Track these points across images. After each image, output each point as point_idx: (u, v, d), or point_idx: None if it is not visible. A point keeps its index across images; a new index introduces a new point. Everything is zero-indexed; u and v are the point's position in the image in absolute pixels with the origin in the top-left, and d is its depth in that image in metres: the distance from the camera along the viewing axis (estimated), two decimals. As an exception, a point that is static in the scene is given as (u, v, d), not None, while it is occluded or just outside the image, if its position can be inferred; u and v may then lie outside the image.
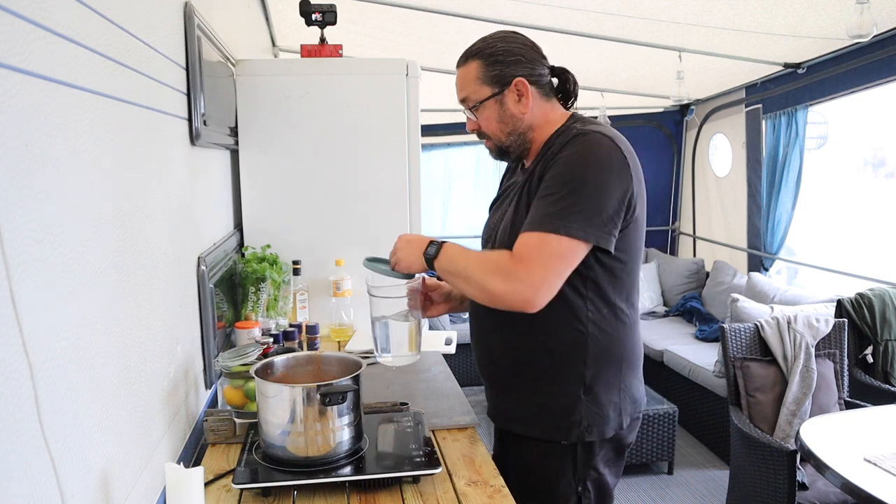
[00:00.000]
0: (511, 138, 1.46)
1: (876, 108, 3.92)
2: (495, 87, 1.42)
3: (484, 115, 1.45)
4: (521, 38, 1.45)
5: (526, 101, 1.43)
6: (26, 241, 0.72)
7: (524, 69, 1.42)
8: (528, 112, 1.43)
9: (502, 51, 1.42)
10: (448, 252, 1.41)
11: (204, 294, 1.63)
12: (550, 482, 1.47)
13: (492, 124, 1.45)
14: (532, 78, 1.43)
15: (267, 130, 2.36)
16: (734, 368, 2.77)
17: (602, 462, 1.47)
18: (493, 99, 1.43)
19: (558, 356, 1.41)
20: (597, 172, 1.33)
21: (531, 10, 3.09)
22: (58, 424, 0.78)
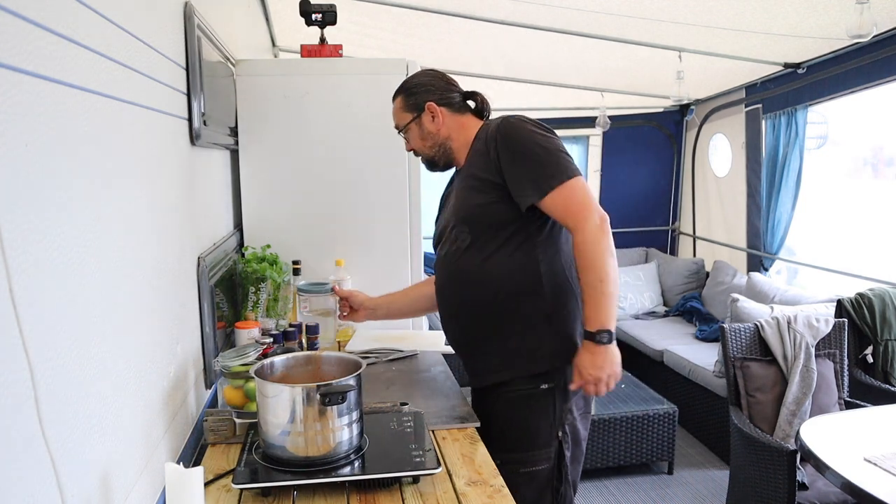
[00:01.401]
0: (434, 150, 1.79)
1: (876, 108, 3.92)
2: (413, 112, 1.78)
3: (411, 136, 1.80)
4: (433, 73, 1.81)
5: (440, 119, 1.76)
6: (26, 241, 0.72)
7: (434, 95, 1.76)
8: (442, 127, 1.76)
9: (415, 84, 1.78)
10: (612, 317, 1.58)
11: (204, 294, 1.63)
12: (532, 429, 1.66)
13: (417, 142, 1.80)
14: (442, 101, 1.76)
15: (267, 130, 2.36)
16: (734, 368, 2.77)
17: (575, 407, 1.70)
18: (414, 122, 1.78)
19: (519, 299, 1.66)
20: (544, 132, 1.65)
21: (531, 10, 3.09)
22: (58, 424, 0.78)
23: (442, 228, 1.81)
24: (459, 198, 1.73)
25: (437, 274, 1.83)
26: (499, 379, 1.69)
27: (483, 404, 1.74)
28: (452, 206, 1.76)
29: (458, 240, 1.71)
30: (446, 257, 1.76)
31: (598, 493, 3.34)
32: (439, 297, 1.83)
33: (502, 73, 4.26)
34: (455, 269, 1.73)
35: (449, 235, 1.74)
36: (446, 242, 1.76)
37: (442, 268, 1.79)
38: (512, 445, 1.65)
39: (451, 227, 1.73)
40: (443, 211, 1.87)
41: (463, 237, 1.70)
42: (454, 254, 1.73)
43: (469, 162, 1.74)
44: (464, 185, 1.73)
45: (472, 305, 1.71)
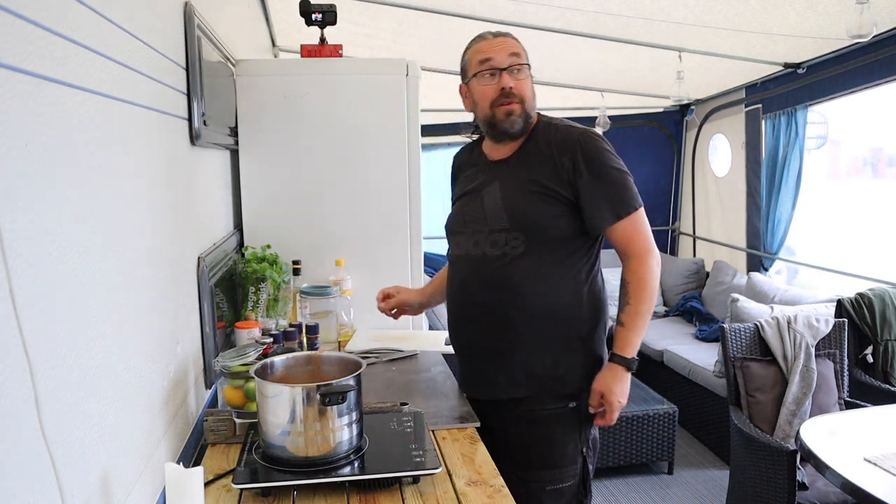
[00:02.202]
0: (532, 110, 1.64)
1: (876, 108, 3.92)
2: (527, 62, 1.64)
3: (525, 79, 1.62)
4: None
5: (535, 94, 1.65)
6: (26, 241, 0.72)
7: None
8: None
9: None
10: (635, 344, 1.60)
11: (204, 294, 1.63)
12: (560, 448, 1.64)
13: (528, 90, 1.63)
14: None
15: (267, 130, 2.36)
16: (734, 368, 2.77)
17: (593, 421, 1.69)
18: (529, 69, 1.63)
19: (560, 317, 1.62)
20: (615, 154, 1.62)
21: (531, 9, 3.09)
22: (58, 424, 0.78)
23: (470, 221, 1.68)
24: (518, 200, 1.62)
25: (460, 271, 1.72)
26: (521, 394, 1.64)
27: (498, 417, 1.68)
28: (502, 205, 1.63)
29: (507, 245, 1.61)
30: (485, 259, 1.64)
31: (598, 493, 3.33)
32: (460, 296, 1.73)
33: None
34: (499, 275, 1.63)
35: (491, 236, 1.63)
36: (485, 242, 1.64)
37: (474, 268, 1.68)
38: (538, 463, 1.64)
39: (497, 228, 1.62)
40: (471, 201, 1.71)
41: (516, 244, 1.60)
42: (500, 258, 1.62)
43: (526, 159, 1.64)
44: (525, 188, 1.61)
45: (508, 315, 1.63)
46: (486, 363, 1.69)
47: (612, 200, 1.58)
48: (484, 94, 1.62)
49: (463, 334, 1.75)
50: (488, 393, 1.70)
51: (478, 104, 1.65)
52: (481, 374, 1.71)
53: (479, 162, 1.76)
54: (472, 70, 1.64)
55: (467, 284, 1.70)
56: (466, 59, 1.67)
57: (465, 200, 1.74)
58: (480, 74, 1.62)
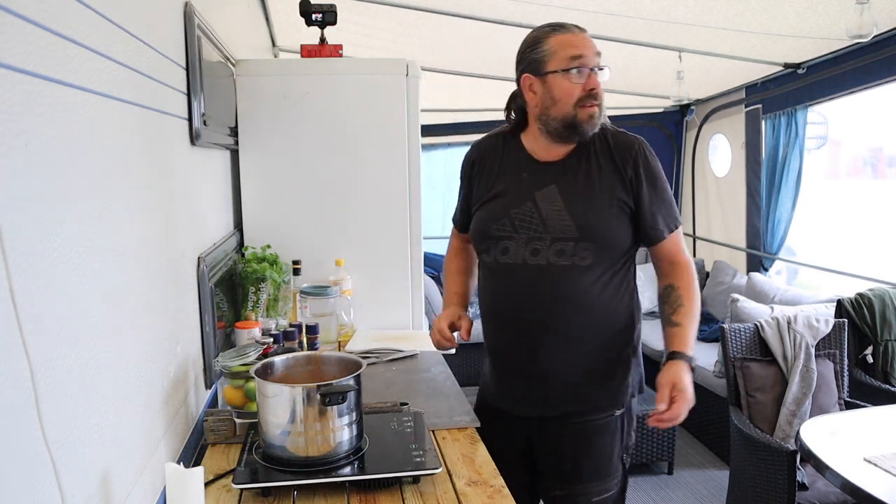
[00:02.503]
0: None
1: (876, 108, 3.92)
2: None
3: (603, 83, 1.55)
4: None
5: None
6: (26, 241, 0.72)
7: None
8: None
9: None
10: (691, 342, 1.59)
11: (204, 294, 1.63)
12: (607, 457, 1.62)
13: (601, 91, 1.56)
14: None
15: (267, 130, 2.36)
16: (734, 368, 2.76)
17: (633, 430, 1.68)
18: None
19: (619, 327, 1.60)
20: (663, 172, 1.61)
21: (531, 9, 3.09)
22: (58, 424, 0.78)
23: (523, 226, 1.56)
24: (589, 209, 1.53)
25: (511, 279, 1.57)
26: (575, 409, 1.59)
27: (545, 432, 1.63)
28: (568, 213, 1.52)
29: (575, 255, 1.52)
30: (549, 269, 1.53)
31: (598, 493, 3.33)
32: (513, 309, 1.58)
33: (502, 73, 4.25)
34: (566, 286, 1.53)
35: (555, 245, 1.53)
36: (548, 251, 1.53)
37: (534, 277, 1.54)
38: (588, 475, 1.61)
39: (563, 237, 1.52)
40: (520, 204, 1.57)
41: (584, 255, 1.52)
42: (568, 269, 1.52)
43: (586, 164, 1.55)
44: (594, 195, 1.53)
45: (571, 328, 1.55)
46: (542, 380, 1.59)
47: (666, 214, 1.57)
48: (570, 91, 1.51)
49: (513, 348, 1.61)
50: (539, 410, 1.61)
51: (558, 101, 1.51)
52: (532, 390, 1.61)
53: (519, 157, 1.61)
54: (558, 64, 1.50)
55: (523, 295, 1.56)
56: (547, 51, 1.52)
57: (507, 201, 1.59)
58: (569, 71, 1.50)
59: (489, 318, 1.68)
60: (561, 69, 1.51)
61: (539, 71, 1.53)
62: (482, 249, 1.64)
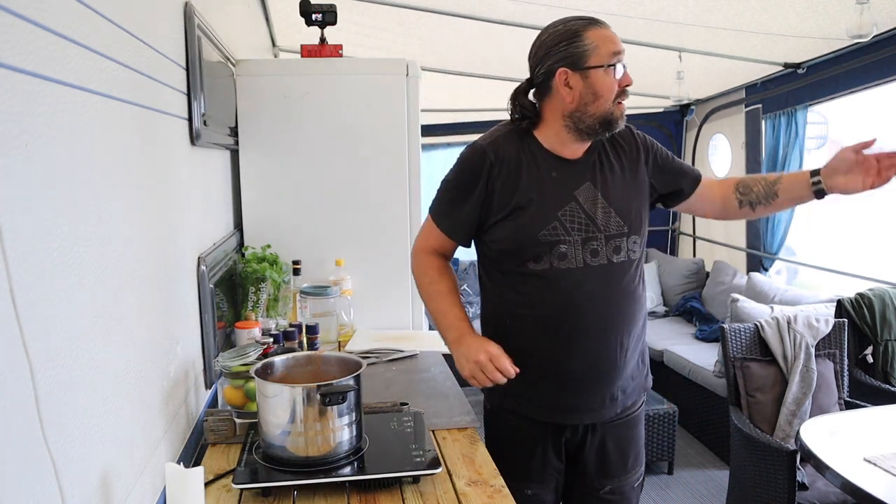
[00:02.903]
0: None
1: (876, 108, 3.91)
2: None
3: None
4: None
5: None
6: (26, 241, 0.72)
7: None
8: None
9: None
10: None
11: (204, 294, 1.63)
12: (641, 444, 1.69)
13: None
14: None
15: (267, 130, 2.36)
16: (734, 368, 2.77)
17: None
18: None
19: (645, 315, 1.63)
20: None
21: (531, 9, 3.09)
22: (58, 424, 0.78)
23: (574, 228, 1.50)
24: (627, 203, 1.55)
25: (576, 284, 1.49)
26: (629, 403, 1.63)
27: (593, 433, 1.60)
28: (612, 209, 1.53)
29: (629, 250, 1.53)
30: (611, 267, 1.51)
31: (598, 493, 3.33)
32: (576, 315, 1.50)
33: (502, 73, 4.26)
34: (626, 282, 1.53)
35: (611, 242, 1.51)
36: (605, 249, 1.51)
37: (601, 278, 1.51)
38: (633, 463, 1.67)
39: (616, 233, 1.51)
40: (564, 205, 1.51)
41: (634, 248, 1.55)
42: (626, 265, 1.53)
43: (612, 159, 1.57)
44: (628, 189, 1.56)
45: (631, 323, 1.55)
46: (604, 382, 1.54)
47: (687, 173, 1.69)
48: (612, 87, 1.46)
49: (572, 358, 1.52)
50: (598, 416, 1.57)
51: (599, 97, 1.46)
52: (593, 396, 1.55)
53: (545, 159, 1.53)
54: (601, 59, 1.44)
55: (588, 299, 1.49)
56: (589, 45, 1.45)
57: (548, 204, 1.50)
58: (611, 67, 1.45)
59: (541, 328, 1.53)
60: (605, 64, 1.45)
61: (579, 65, 1.45)
62: (529, 258, 1.50)
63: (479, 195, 1.53)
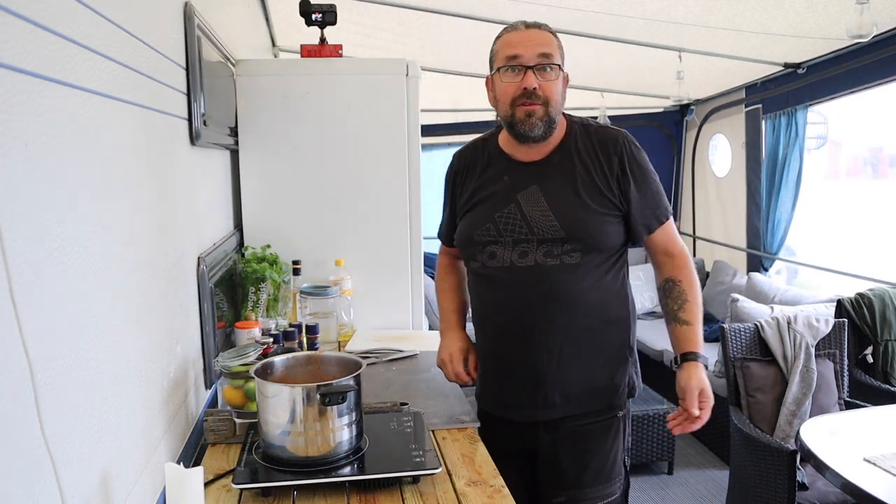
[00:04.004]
0: (558, 114, 1.54)
1: (876, 108, 3.92)
2: (562, 63, 1.53)
3: (553, 82, 1.50)
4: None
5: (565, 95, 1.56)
6: (26, 241, 0.72)
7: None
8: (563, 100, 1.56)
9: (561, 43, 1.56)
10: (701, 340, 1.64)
11: (204, 294, 1.63)
12: (611, 460, 1.60)
13: (556, 93, 1.51)
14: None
15: (267, 130, 2.36)
16: (734, 368, 2.76)
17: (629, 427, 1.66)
18: (561, 72, 1.52)
19: (613, 325, 1.58)
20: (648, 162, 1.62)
21: (531, 9, 3.09)
22: (58, 424, 0.78)
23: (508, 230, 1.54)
24: (572, 207, 1.52)
25: (503, 284, 1.55)
26: (577, 411, 1.57)
27: (546, 437, 1.59)
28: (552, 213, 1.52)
29: (563, 254, 1.51)
30: (538, 270, 1.52)
31: (598, 493, 3.33)
32: (506, 312, 1.57)
33: (502, 73, 4.25)
34: (555, 286, 1.52)
35: (542, 246, 1.52)
36: (535, 252, 1.52)
37: (524, 280, 1.53)
38: (592, 479, 1.58)
39: (549, 238, 1.51)
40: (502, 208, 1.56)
41: (572, 253, 1.51)
42: (555, 269, 1.51)
43: (568, 163, 1.54)
44: (575, 196, 1.52)
45: (566, 328, 1.53)
46: (538, 383, 1.56)
47: (655, 206, 1.57)
48: (505, 91, 1.51)
49: (508, 353, 1.59)
50: (539, 415, 1.58)
51: (499, 101, 1.53)
52: (530, 395, 1.57)
53: (500, 161, 1.61)
54: (497, 63, 1.52)
55: (516, 298, 1.55)
56: (494, 50, 1.55)
57: (490, 205, 1.58)
58: (504, 70, 1.50)
59: (481, 324, 1.66)
60: (497, 68, 1.53)
61: (490, 70, 1.57)
62: (469, 256, 1.63)
63: (451, 201, 1.72)
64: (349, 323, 2.40)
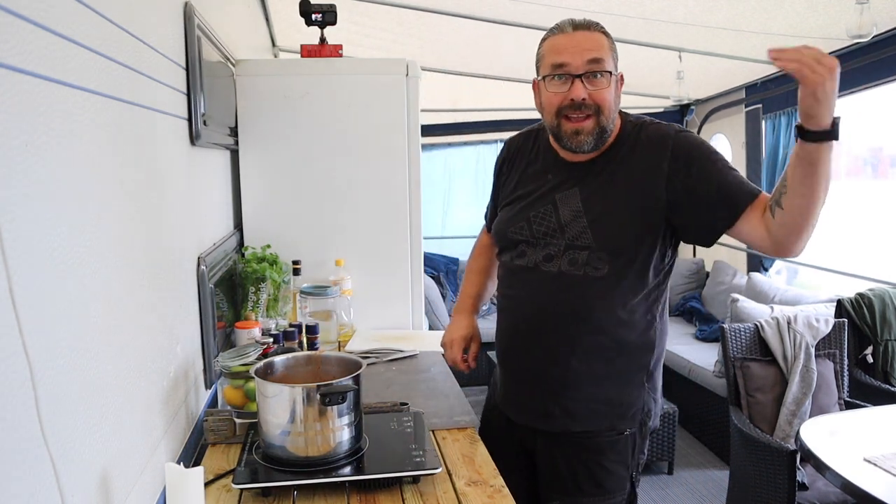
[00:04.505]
0: (612, 122, 1.43)
1: (876, 108, 3.91)
2: (615, 67, 1.43)
3: (606, 88, 1.40)
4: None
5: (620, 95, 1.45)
6: (26, 241, 0.72)
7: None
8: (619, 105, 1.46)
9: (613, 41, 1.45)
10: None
11: (204, 294, 1.63)
12: (612, 474, 1.52)
13: (608, 100, 1.40)
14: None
15: (267, 130, 2.36)
16: (734, 368, 2.77)
17: (646, 445, 1.59)
18: (614, 76, 1.42)
19: (631, 349, 1.48)
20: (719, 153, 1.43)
21: (531, 9, 3.09)
22: (58, 424, 0.78)
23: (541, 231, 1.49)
24: (605, 217, 1.42)
25: (526, 284, 1.51)
26: (577, 428, 1.50)
27: (544, 444, 1.56)
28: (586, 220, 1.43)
29: (587, 265, 1.43)
30: (561, 277, 1.45)
31: (598, 493, 3.33)
32: (524, 314, 1.52)
33: (502, 73, 4.26)
34: (576, 297, 1.45)
35: (569, 253, 1.45)
36: (561, 258, 1.46)
37: (548, 285, 1.47)
38: (589, 490, 1.51)
39: (578, 245, 1.44)
40: (539, 207, 1.50)
41: (598, 265, 1.42)
42: (580, 280, 1.43)
43: (615, 167, 1.44)
44: (613, 203, 1.43)
45: (578, 343, 1.46)
46: (542, 392, 1.52)
47: (728, 195, 1.36)
48: (550, 101, 1.42)
49: (518, 355, 1.56)
50: (538, 423, 1.54)
51: (543, 109, 1.46)
52: (533, 401, 1.54)
53: (546, 158, 1.54)
54: (543, 71, 1.43)
55: (534, 302, 1.50)
56: (540, 56, 1.45)
57: (528, 203, 1.52)
58: (550, 78, 1.41)
59: (501, 316, 1.61)
60: (542, 76, 1.44)
61: (537, 75, 1.48)
62: (501, 249, 1.61)
63: (496, 190, 1.70)
64: (349, 323, 2.40)
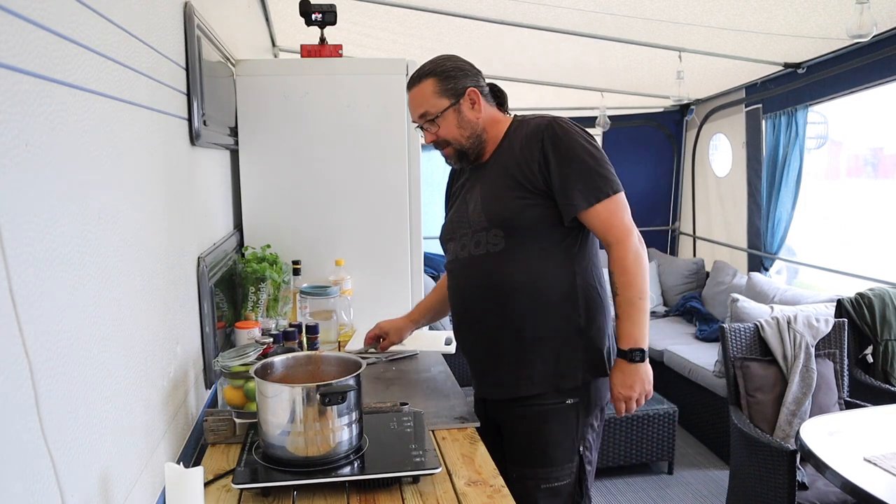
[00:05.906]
0: (470, 141, 1.66)
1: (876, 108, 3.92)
2: (451, 98, 1.63)
3: (444, 125, 1.64)
4: (461, 58, 1.69)
5: (478, 107, 1.65)
6: (26, 241, 0.72)
7: (472, 81, 1.65)
8: (481, 116, 1.65)
9: (451, 68, 1.64)
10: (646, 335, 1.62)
11: (204, 294, 1.63)
12: (556, 445, 1.63)
13: (453, 131, 1.65)
14: (479, 88, 1.66)
15: (267, 130, 2.36)
16: (734, 368, 2.76)
17: (594, 420, 1.68)
18: (452, 109, 1.63)
19: (553, 309, 1.61)
20: (591, 140, 1.61)
21: (531, 9, 3.09)
22: (58, 424, 0.78)
23: (458, 227, 1.70)
24: (492, 197, 1.62)
25: (454, 276, 1.73)
26: (525, 392, 1.62)
27: (498, 414, 1.71)
28: (481, 206, 1.63)
29: (488, 243, 1.61)
30: (471, 260, 1.65)
31: (598, 493, 3.33)
32: (458, 301, 1.74)
33: (502, 73, 4.26)
34: (484, 274, 1.63)
35: (474, 237, 1.64)
36: (470, 244, 1.65)
37: (464, 270, 1.69)
38: (534, 460, 1.63)
39: (479, 228, 1.63)
40: (458, 208, 1.73)
41: (496, 241, 1.60)
42: (483, 258, 1.62)
43: (500, 160, 1.64)
44: (498, 185, 1.62)
45: (502, 313, 1.62)
46: (489, 364, 1.69)
47: (582, 186, 1.55)
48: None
49: (465, 337, 1.75)
50: (496, 393, 1.69)
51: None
52: (486, 374, 1.71)
53: (468, 169, 1.76)
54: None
55: (461, 287, 1.71)
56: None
57: (452, 208, 1.78)
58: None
59: (451, 312, 1.84)
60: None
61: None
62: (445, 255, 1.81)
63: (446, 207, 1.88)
64: (349, 323, 2.40)
